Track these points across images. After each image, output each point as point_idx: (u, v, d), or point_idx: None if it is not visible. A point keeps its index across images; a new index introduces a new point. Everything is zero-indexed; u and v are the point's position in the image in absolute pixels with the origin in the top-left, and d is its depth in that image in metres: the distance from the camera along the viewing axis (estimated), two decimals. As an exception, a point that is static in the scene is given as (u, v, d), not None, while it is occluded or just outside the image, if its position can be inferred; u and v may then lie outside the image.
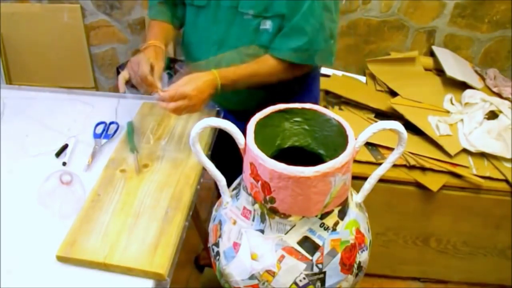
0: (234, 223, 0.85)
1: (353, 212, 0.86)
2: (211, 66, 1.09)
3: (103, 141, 1.16)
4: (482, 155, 1.60)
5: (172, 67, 2.26)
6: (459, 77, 1.83)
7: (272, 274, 0.81)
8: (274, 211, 0.79)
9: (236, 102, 1.24)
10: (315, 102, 1.33)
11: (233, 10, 1.10)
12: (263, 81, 1.11)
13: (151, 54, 1.08)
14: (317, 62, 1.13)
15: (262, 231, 0.82)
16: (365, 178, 0.88)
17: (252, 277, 0.82)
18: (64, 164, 1.09)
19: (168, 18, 1.23)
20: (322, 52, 1.11)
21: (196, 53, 1.21)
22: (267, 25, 1.09)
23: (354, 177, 0.92)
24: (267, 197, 0.78)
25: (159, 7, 1.24)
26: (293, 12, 1.05)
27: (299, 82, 1.24)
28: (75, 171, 1.03)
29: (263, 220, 0.81)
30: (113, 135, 1.19)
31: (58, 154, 1.12)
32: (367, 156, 1.57)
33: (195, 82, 1.02)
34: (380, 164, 0.89)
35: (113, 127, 1.22)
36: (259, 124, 0.82)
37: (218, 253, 0.87)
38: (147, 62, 1.04)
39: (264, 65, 1.10)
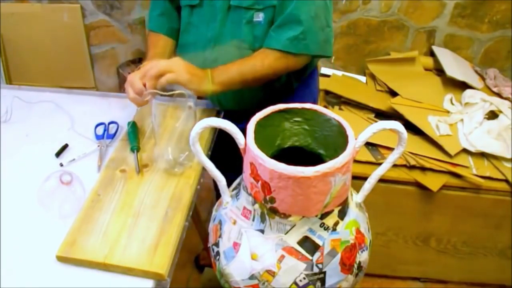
0: (234, 223, 0.85)
1: (353, 212, 0.86)
2: (208, 62, 1.08)
3: (108, 141, 1.16)
4: (482, 155, 1.60)
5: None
6: (459, 77, 1.83)
7: (272, 274, 0.81)
8: (274, 211, 0.79)
9: (236, 102, 1.24)
10: (314, 101, 1.33)
11: (226, 5, 1.10)
12: (260, 76, 1.10)
13: None
14: (315, 51, 1.12)
15: (262, 231, 0.82)
16: (365, 178, 0.88)
17: (252, 277, 0.82)
18: (61, 165, 1.09)
19: (167, 31, 1.25)
20: (319, 41, 1.10)
21: (193, 52, 1.22)
22: (260, 17, 1.09)
23: (354, 177, 0.92)
24: (267, 197, 0.78)
25: (159, 19, 1.26)
26: (285, 3, 1.05)
27: (297, 81, 1.23)
28: (83, 173, 1.03)
29: (263, 220, 0.81)
30: (114, 134, 1.19)
31: (58, 154, 1.12)
32: (367, 156, 1.57)
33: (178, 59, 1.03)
34: (380, 164, 0.89)
35: (112, 126, 1.21)
36: (259, 124, 0.82)
37: (218, 253, 0.87)
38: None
39: (260, 59, 1.08)
